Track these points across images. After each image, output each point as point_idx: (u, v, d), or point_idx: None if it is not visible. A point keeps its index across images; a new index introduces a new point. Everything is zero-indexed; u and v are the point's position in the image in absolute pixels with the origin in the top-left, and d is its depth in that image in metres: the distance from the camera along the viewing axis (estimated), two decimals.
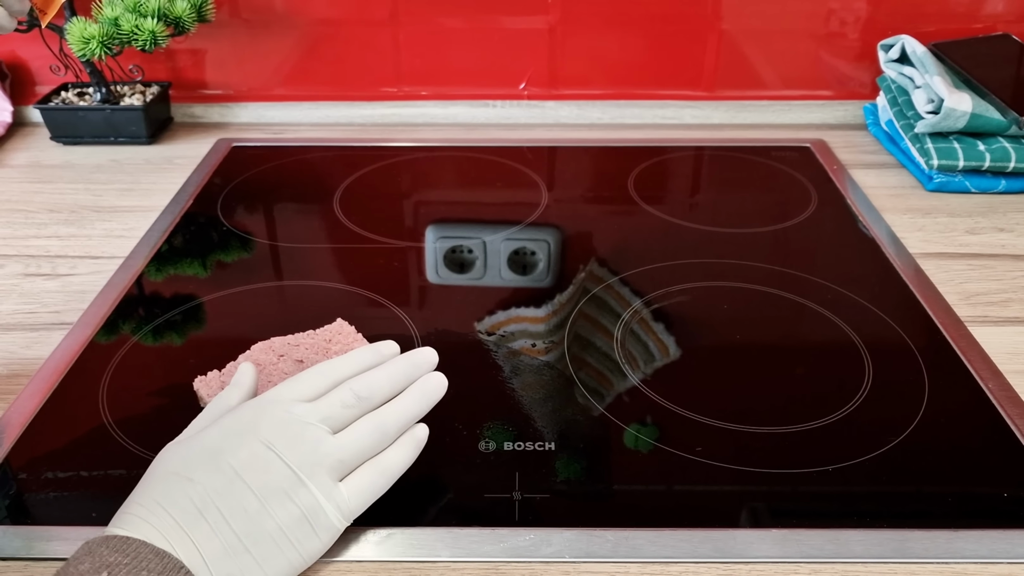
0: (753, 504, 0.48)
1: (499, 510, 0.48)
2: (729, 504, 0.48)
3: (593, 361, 0.59)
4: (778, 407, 0.55)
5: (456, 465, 0.51)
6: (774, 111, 1.00)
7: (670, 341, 0.62)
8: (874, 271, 0.71)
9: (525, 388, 0.57)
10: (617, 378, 0.58)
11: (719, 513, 0.48)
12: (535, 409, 0.55)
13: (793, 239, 0.76)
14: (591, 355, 0.60)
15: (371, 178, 0.87)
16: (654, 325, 0.63)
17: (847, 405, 0.55)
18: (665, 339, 0.62)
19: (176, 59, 0.99)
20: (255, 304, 0.67)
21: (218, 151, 0.92)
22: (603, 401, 0.56)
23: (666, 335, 0.62)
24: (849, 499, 0.49)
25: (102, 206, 0.81)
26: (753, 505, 0.48)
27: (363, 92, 1.00)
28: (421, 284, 0.70)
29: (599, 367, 0.59)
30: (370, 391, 0.46)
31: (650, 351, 0.61)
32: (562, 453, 0.52)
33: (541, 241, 0.76)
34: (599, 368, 0.59)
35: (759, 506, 0.48)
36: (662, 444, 0.52)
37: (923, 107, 0.84)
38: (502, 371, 0.59)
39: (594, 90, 1.00)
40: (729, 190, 0.86)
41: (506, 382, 0.58)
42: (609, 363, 0.59)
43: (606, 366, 0.59)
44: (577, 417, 0.54)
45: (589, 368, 0.59)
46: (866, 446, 0.52)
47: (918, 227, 0.77)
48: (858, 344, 0.61)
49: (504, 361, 0.60)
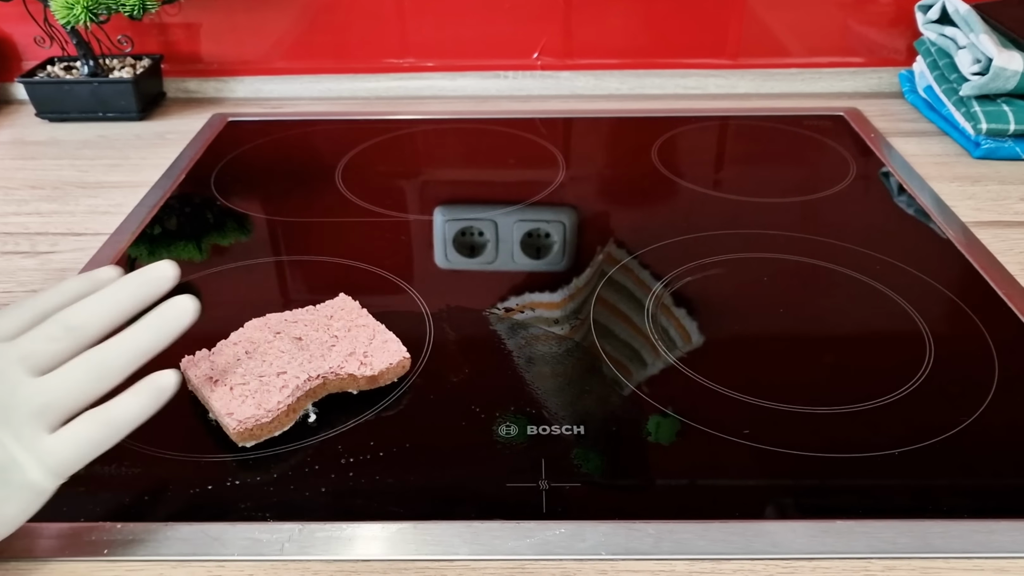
0: (812, 493, 0.42)
1: (524, 501, 0.42)
2: (785, 493, 0.42)
3: (622, 338, 0.54)
4: (832, 385, 0.50)
5: (474, 451, 0.45)
6: (803, 80, 0.94)
7: (706, 316, 0.56)
8: (924, 240, 0.65)
9: (548, 369, 0.51)
10: (650, 355, 0.52)
11: (774, 503, 0.42)
12: (560, 391, 0.49)
13: (833, 209, 0.70)
14: (618, 332, 0.54)
15: (375, 152, 0.82)
16: (687, 300, 0.57)
17: (909, 383, 0.49)
18: (701, 314, 0.56)
19: (169, 31, 0.93)
20: (251, 280, 0.61)
21: (213, 126, 0.87)
22: (637, 381, 0.50)
23: (702, 310, 0.57)
24: (920, 487, 0.43)
25: (87, 182, 0.76)
26: (812, 494, 0.42)
27: (366, 64, 0.95)
28: (429, 261, 0.64)
29: (628, 344, 0.53)
30: (83, 320, 0.38)
31: (684, 327, 0.55)
32: (592, 438, 0.46)
33: (556, 222, 0.70)
34: (630, 344, 0.53)
35: (819, 495, 0.42)
36: (704, 427, 0.46)
37: (968, 68, 0.78)
38: (522, 352, 0.53)
39: (612, 59, 0.94)
40: (761, 161, 0.80)
41: (528, 362, 0.52)
42: (640, 339, 0.53)
43: (636, 342, 0.53)
44: (609, 397, 0.49)
45: (617, 345, 0.53)
46: (935, 427, 0.46)
47: (968, 195, 0.71)
48: (915, 317, 0.55)
49: (524, 341, 0.54)
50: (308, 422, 0.47)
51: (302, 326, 0.51)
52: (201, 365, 0.48)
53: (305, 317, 0.52)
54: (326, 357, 0.48)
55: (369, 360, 0.49)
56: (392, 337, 0.51)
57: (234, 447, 0.45)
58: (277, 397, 0.46)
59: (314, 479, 0.44)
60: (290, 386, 0.46)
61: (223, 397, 0.46)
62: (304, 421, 0.47)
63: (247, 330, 0.51)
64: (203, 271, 0.62)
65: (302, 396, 0.47)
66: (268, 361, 0.48)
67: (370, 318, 0.52)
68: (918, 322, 0.54)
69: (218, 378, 0.47)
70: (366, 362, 0.49)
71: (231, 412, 0.45)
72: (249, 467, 0.45)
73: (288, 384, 0.46)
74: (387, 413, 0.48)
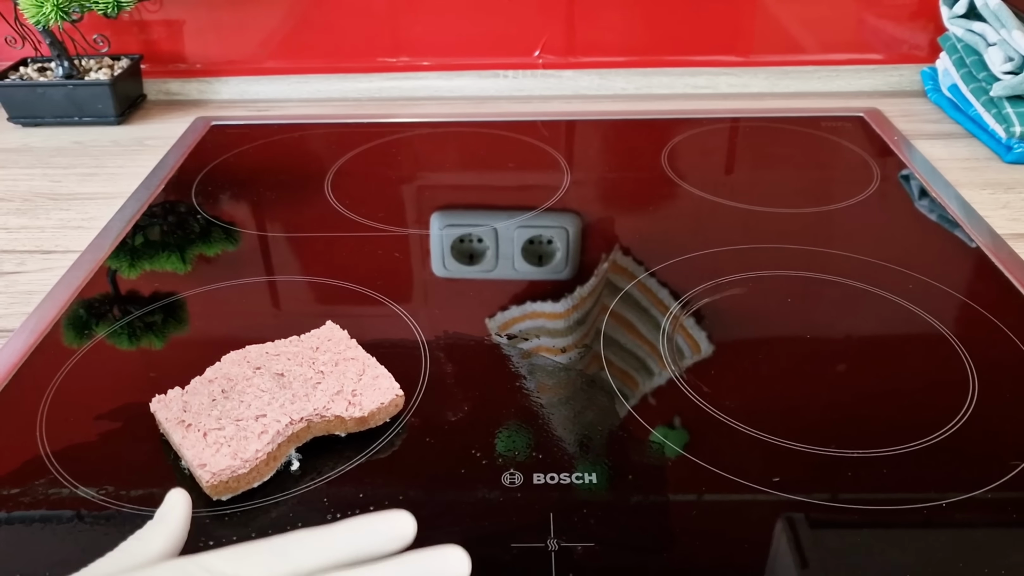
0: (848, 553, 0.38)
1: (531, 565, 0.37)
2: (821, 551, 0.38)
3: (632, 367, 0.49)
4: (870, 424, 0.45)
5: (474, 506, 0.41)
6: (819, 78, 0.89)
7: (726, 347, 0.51)
8: (958, 255, 0.60)
9: (555, 403, 0.47)
10: (666, 387, 0.47)
11: (809, 562, 0.37)
12: (570, 429, 0.45)
13: (857, 219, 0.65)
14: (627, 361, 0.50)
15: (368, 158, 0.77)
16: (703, 324, 0.53)
17: (952, 422, 0.45)
18: (718, 339, 0.52)
19: (149, 30, 0.88)
20: (231, 304, 0.57)
21: (195, 131, 0.82)
22: (652, 418, 0.45)
23: (720, 335, 0.52)
24: (965, 544, 0.38)
25: (60, 193, 0.71)
26: (848, 554, 0.38)
27: (358, 63, 0.90)
28: (425, 278, 0.60)
29: (639, 373, 0.49)
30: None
31: (701, 354, 0.50)
32: (608, 487, 0.41)
33: (559, 228, 0.66)
34: (641, 376, 0.48)
35: (853, 553, 0.38)
36: (731, 475, 0.42)
37: (999, 67, 0.73)
38: (526, 382, 0.48)
39: (617, 56, 0.89)
40: (777, 166, 0.75)
41: (531, 396, 0.47)
42: (652, 370, 0.49)
43: (648, 371, 0.49)
44: (623, 437, 0.44)
45: (629, 377, 0.48)
46: (986, 473, 0.41)
47: (1001, 204, 0.66)
48: (953, 342, 0.50)
49: (528, 369, 0.49)
50: (291, 470, 0.43)
51: (284, 360, 0.47)
52: (172, 407, 0.44)
53: (288, 349, 0.48)
54: (310, 397, 0.44)
55: (358, 399, 0.44)
56: (384, 372, 0.46)
57: (209, 500, 0.41)
58: (255, 445, 0.41)
59: None
60: (270, 432, 0.42)
61: (196, 445, 0.41)
62: (286, 469, 0.43)
63: (224, 365, 0.47)
64: (179, 293, 0.57)
65: (283, 442, 0.42)
66: (246, 402, 0.44)
67: (360, 349, 0.48)
68: (959, 350, 0.50)
69: (191, 422, 0.43)
70: (355, 402, 0.44)
71: (204, 463, 0.40)
72: (225, 523, 0.40)
73: (268, 429, 0.42)
74: (378, 457, 0.44)
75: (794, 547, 0.38)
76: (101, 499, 0.41)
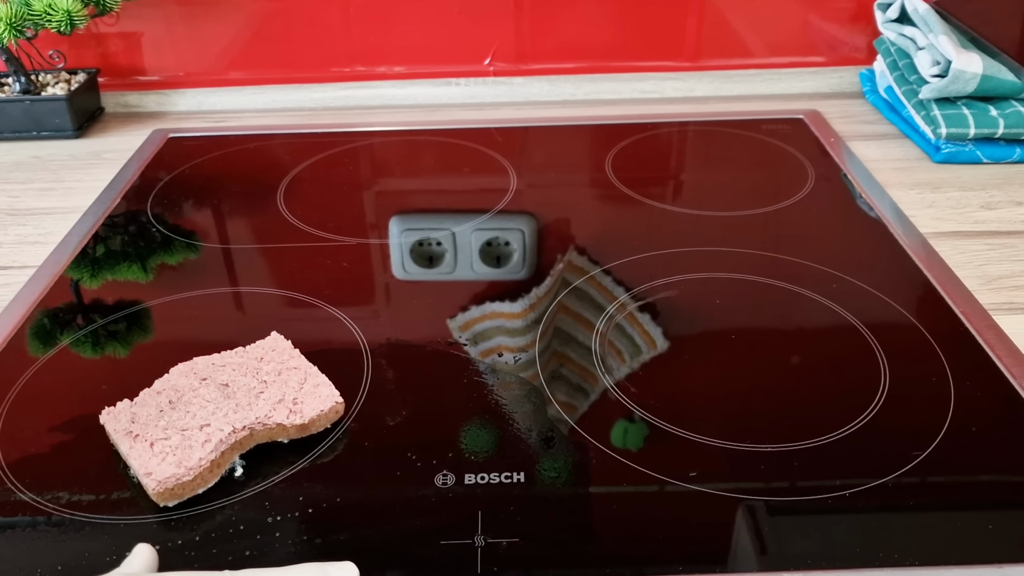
0: (760, 537, 0.40)
1: (459, 560, 0.40)
2: (728, 539, 0.41)
3: (572, 370, 0.52)
4: (786, 419, 0.48)
5: (407, 505, 0.43)
6: (763, 81, 0.92)
7: (659, 341, 0.54)
8: (882, 255, 0.63)
9: (490, 406, 0.49)
10: (598, 389, 0.50)
11: (721, 551, 0.40)
12: (502, 432, 0.47)
13: (790, 221, 0.68)
14: (569, 367, 0.52)
15: (322, 168, 0.79)
16: (640, 323, 0.55)
17: (863, 414, 0.47)
18: (654, 338, 0.54)
19: (106, 43, 0.90)
20: (181, 316, 0.59)
21: (152, 143, 0.83)
22: (583, 420, 0.48)
23: (656, 335, 0.55)
24: (874, 530, 0.41)
25: (17, 208, 0.72)
26: (760, 538, 0.40)
27: (312, 72, 0.91)
28: (376, 285, 0.62)
29: (579, 376, 0.51)
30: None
31: (638, 352, 0.53)
32: (534, 485, 0.44)
33: (515, 230, 0.68)
34: (578, 379, 0.51)
35: (768, 540, 0.40)
36: (652, 471, 0.44)
37: (928, 70, 0.76)
38: (463, 387, 0.51)
39: (566, 63, 0.91)
40: (717, 169, 0.78)
41: (468, 400, 0.50)
42: (590, 371, 0.51)
43: (587, 373, 0.51)
44: (551, 438, 0.47)
45: (566, 381, 0.51)
46: (890, 462, 0.44)
47: (927, 203, 0.69)
48: (871, 340, 0.53)
49: (467, 374, 0.52)
50: (235, 476, 0.45)
51: (230, 371, 0.49)
52: (121, 418, 0.46)
53: (234, 360, 0.50)
54: (253, 406, 0.46)
55: (299, 407, 0.46)
56: (324, 380, 0.48)
57: (156, 506, 0.43)
58: (199, 453, 0.43)
59: (239, 540, 0.41)
60: (213, 440, 0.44)
61: (143, 455, 0.43)
62: (231, 475, 0.45)
63: (172, 376, 0.49)
64: (131, 308, 0.59)
65: (227, 450, 0.44)
66: (192, 412, 0.46)
67: (302, 359, 0.50)
68: (874, 346, 0.53)
69: (139, 432, 0.45)
70: (295, 410, 0.46)
71: (150, 472, 0.42)
72: (171, 528, 0.42)
73: (211, 438, 0.44)
74: (320, 462, 0.46)
75: (717, 539, 0.41)
76: (53, 509, 0.43)
